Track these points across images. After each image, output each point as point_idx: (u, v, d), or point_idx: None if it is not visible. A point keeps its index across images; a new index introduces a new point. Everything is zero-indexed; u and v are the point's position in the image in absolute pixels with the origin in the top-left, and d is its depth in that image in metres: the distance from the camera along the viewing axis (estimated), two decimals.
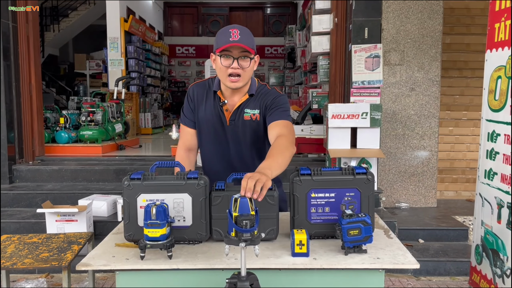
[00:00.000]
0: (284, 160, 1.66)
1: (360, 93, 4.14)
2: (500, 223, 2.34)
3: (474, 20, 5.17)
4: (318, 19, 5.02)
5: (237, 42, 1.77)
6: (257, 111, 1.95)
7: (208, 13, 14.01)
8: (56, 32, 11.99)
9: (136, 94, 9.31)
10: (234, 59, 1.80)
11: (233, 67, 1.81)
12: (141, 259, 1.48)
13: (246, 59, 1.82)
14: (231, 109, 1.96)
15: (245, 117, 1.95)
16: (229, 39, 1.78)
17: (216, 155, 2.04)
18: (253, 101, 1.96)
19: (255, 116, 1.95)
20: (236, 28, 1.80)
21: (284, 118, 1.89)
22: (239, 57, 1.80)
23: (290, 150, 1.74)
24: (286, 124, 1.88)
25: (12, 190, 4.37)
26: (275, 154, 1.67)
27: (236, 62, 1.81)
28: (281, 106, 1.92)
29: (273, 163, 1.59)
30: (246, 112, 1.95)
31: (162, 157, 5.51)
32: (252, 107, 1.95)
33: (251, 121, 1.95)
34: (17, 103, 4.78)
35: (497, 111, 2.40)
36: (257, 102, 1.95)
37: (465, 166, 5.33)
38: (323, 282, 1.48)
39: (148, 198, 1.58)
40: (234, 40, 1.77)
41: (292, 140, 1.82)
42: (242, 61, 1.81)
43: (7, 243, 2.46)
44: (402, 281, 3.40)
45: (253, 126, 1.96)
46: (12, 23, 4.68)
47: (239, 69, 1.82)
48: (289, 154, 1.72)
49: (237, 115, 1.95)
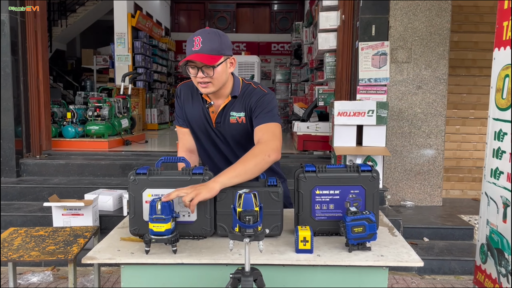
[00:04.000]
0: (245, 169, 1.63)
1: (367, 90, 4.12)
2: (506, 222, 2.32)
3: (483, 18, 5.12)
4: (325, 16, 5.00)
5: (198, 52, 1.73)
6: (242, 114, 1.89)
7: (215, 9, 13.99)
8: (64, 27, 12.03)
9: (142, 89, 9.34)
10: (199, 69, 1.76)
11: (199, 76, 1.77)
12: (146, 253, 1.49)
13: (210, 68, 1.76)
14: (216, 111, 1.92)
15: (231, 120, 1.90)
16: (191, 48, 1.75)
17: (208, 155, 2.02)
18: (238, 103, 1.90)
19: (241, 119, 1.90)
20: (199, 36, 1.74)
21: (268, 121, 1.83)
22: (203, 66, 1.75)
23: (260, 157, 1.68)
24: (269, 128, 1.82)
25: (19, 184, 4.41)
26: (238, 163, 1.65)
27: (201, 71, 1.76)
28: (265, 107, 1.85)
29: (228, 172, 1.60)
30: (232, 115, 1.90)
31: (168, 153, 5.53)
32: (237, 109, 1.90)
33: (237, 124, 1.90)
34: (25, 98, 4.81)
35: (505, 109, 2.38)
36: (241, 104, 1.90)
37: (471, 165, 5.31)
38: (327, 279, 1.49)
39: (153, 193, 1.58)
40: (195, 50, 1.73)
41: (271, 146, 1.74)
42: (207, 69, 1.76)
43: (14, 236, 2.49)
44: (406, 279, 3.40)
45: (239, 129, 1.91)
46: (20, 18, 4.71)
47: (205, 77, 1.77)
48: (257, 161, 1.67)
49: (222, 117, 1.91)
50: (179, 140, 2.08)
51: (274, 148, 1.74)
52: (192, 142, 2.05)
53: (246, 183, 1.64)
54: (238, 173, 1.61)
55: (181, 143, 2.07)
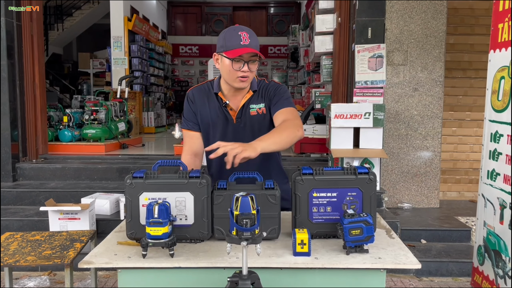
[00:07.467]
0: (281, 138, 1.74)
1: (363, 93, 4.13)
2: (503, 224, 2.33)
3: (478, 20, 5.15)
4: (321, 18, 5.01)
5: (248, 47, 1.81)
6: (262, 105, 1.99)
7: (212, 13, 14.02)
8: (60, 31, 12.01)
9: (139, 93, 9.33)
10: (245, 63, 1.83)
11: (244, 70, 1.84)
12: (143, 257, 1.48)
13: (255, 63, 1.87)
14: (236, 107, 1.99)
15: (252, 112, 1.99)
16: (239, 42, 1.80)
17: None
18: (256, 96, 2.00)
19: (261, 110, 1.99)
20: (245, 31, 1.83)
21: (287, 105, 1.95)
22: (249, 61, 1.84)
23: (291, 130, 1.80)
24: (291, 110, 1.95)
25: (15, 188, 4.39)
26: (272, 132, 1.78)
27: (247, 65, 1.84)
28: (283, 95, 1.98)
29: (266, 138, 1.71)
30: (251, 107, 1.99)
31: (165, 156, 5.52)
32: (256, 102, 2.00)
33: (258, 115, 1.99)
34: (21, 102, 4.80)
35: (500, 111, 2.39)
36: (260, 97, 2.00)
37: (468, 166, 5.32)
38: (325, 282, 1.49)
39: (150, 196, 1.58)
40: (245, 44, 1.81)
41: (298, 123, 1.87)
42: (252, 64, 1.86)
43: (10, 241, 2.48)
44: (404, 281, 3.39)
45: (259, 120, 2.00)
46: (16, 22, 4.70)
47: (248, 72, 1.85)
48: (289, 133, 1.78)
49: (243, 112, 1.99)
50: (184, 143, 2.10)
51: (300, 125, 1.88)
52: (198, 145, 2.07)
53: (243, 186, 1.64)
54: (274, 141, 1.71)
55: (187, 146, 2.08)
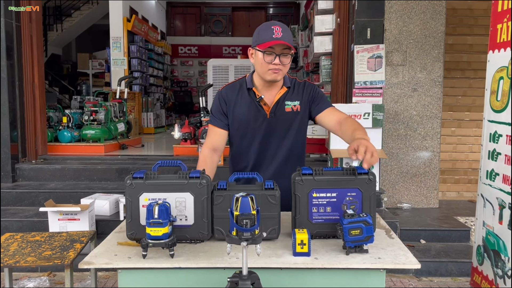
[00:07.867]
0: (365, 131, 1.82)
1: (363, 93, 4.14)
2: (502, 224, 2.33)
3: (477, 21, 5.16)
4: (320, 19, 5.02)
5: (280, 40, 1.84)
6: (297, 102, 2.03)
7: (211, 13, 14.02)
8: (59, 32, 12.00)
9: (138, 93, 9.33)
10: (276, 56, 1.87)
11: (275, 63, 1.88)
12: (143, 258, 1.48)
13: (287, 56, 1.90)
14: (270, 102, 2.02)
15: (287, 109, 2.02)
16: (272, 36, 1.85)
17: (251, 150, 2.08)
18: (291, 93, 2.04)
19: (296, 107, 2.03)
20: (278, 25, 1.87)
21: (330, 105, 2.06)
22: (281, 54, 1.87)
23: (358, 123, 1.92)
24: (334, 109, 2.05)
25: (15, 189, 4.39)
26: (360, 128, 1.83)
27: (278, 58, 1.88)
28: (323, 96, 2.08)
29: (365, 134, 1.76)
30: (287, 104, 2.02)
31: (164, 157, 5.52)
32: (292, 99, 2.03)
33: (292, 112, 2.03)
34: (20, 102, 4.80)
35: (499, 111, 2.40)
36: (296, 94, 2.04)
37: (467, 167, 5.32)
38: (324, 282, 1.49)
39: (150, 197, 1.58)
40: (277, 37, 1.85)
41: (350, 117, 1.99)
42: (284, 57, 1.89)
43: (10, 241, 2.48)
44: (403, 281, 3.40)
45: (293, 117, 2.04)
46: (15, 23, 4.70)
47: (280, 65, 1.89)
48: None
49: (277, 107, 2.02)
50: (207, 137, 2.14)
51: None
52: (220, 141, 2.10)
53: (243, 187, 1.64)
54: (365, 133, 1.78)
55: (208, 140, 2.11)
